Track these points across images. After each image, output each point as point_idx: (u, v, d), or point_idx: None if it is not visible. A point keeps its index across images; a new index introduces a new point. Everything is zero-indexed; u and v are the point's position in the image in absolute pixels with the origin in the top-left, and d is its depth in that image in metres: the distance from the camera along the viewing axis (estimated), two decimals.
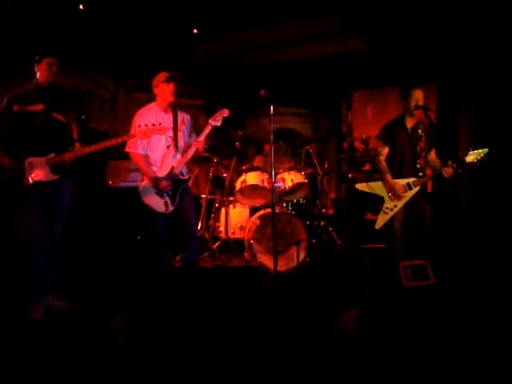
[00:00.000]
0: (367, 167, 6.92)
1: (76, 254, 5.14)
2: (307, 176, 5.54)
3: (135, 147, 4.00)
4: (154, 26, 6.18)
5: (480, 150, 4.10)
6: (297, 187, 5.45)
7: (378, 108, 7.50)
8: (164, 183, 3.94)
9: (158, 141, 3.99)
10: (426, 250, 4.13)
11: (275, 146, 4.57)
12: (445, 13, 5.89)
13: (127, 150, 4.02)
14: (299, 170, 5.45)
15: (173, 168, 4.01)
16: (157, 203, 3.98)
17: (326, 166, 6.57)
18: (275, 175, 4.15)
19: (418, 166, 4.25)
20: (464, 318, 3.45)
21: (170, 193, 3.98)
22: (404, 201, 4.21)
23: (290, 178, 5.33)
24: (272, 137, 4.09)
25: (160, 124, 3.81)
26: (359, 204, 6.17)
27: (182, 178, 4.05)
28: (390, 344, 3.05)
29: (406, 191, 4.21)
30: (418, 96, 4.23)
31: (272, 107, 4.05)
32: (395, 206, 4.24)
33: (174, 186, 3.99)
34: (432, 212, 4.25)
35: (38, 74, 3.68)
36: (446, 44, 6.30)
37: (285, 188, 5.32)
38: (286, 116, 8.07)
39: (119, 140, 3.86)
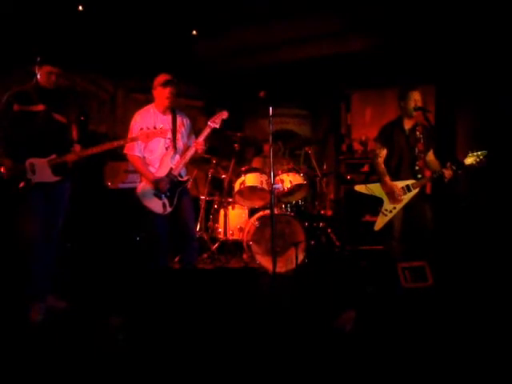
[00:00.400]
0: (366, 169, 6.93)
1: (75, 254, 5.15)
2: (304, 174, 5.54)
3: (132, 149, 4.01)
4: (154, 26, 6.18)
5: (479, 152, 4.10)
6: (296, 188, 5.45)
7: (377, 109, 7.50)
8: (161, 184, 3.95)
9: (157, 142, 4.00)
10: (426, 251, 4.13)
11: (274, 147, 4.57)
12: (444, 13, 5.90)
13: (125, 151, 4.04)
14: (298, 172, 5.45)
15: (171, 169, 4.01)
16: (155, 204, 3.98)
17: (325, 167, 6.57)
18: (274, 176, 4.15)
19: (417, 167, 4.24)
20: (462, 319, 3.45)
21: (168, 194, 3.98)
22: (403, 203, 4.21)
23: (288, 180, 5.33)
24: (271, 138, 4.09)
25: (154, 128, 3.82)
26: (358, 205, 6.17)
27: (180, 179, 4.06)
28: (388, 345, 3.06)
29: (404, 193, 4.21)
30: (416, 97, 4.23)
31: (271, 108, 4.05)
32: (394, 207, 4.23)
33: (173, 187, 4.00)
34: (432, 213, 4.25)
35: (38, 75, 3.66)
36: (445, 45, 6.31)
37: (284, 189, 5.31)
38: (285, 117, 8.07)
39: (121, 143, 3.89)
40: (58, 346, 3.10)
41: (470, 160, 4.10)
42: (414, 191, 4.21)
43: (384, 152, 4.33)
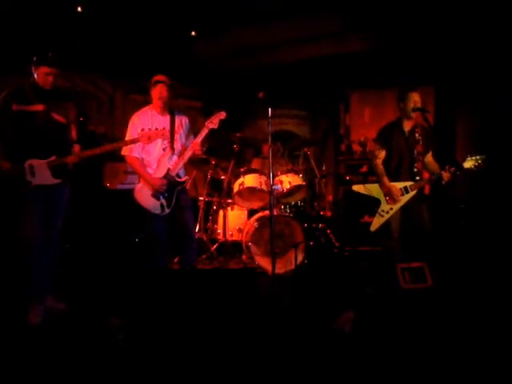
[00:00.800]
0: (365, 169, 6.93)
1: (74, 255, 5.15)
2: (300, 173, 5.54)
3: (130, 150, 4.01)
4: (153, 27, 6.18)
5: (478, 157, 4.10)
6: (295, 189, 5.45)
7: (376, 110, 7.51)
8: (159, 183, 3.94)
9: (154, 143, 3.99)
10: (424, 252, 4.13)
11: (273, 148, 4.57)
12: (443, 14, 5.90)
13: (123, 153, 4.04)
14: (297, 173, 5.44)
15: (169, 170, 4.01)
16: (153, 205, 3.98)
17: (324, 168, 6.58)
18: (273, 177, 4.14)
19: (415, 169, 4.24)
20: (462, 320, 3.45)
21: (166, 195, 3.98)
22: (400, 204, 4.21)
23: (287, 181, 5.32)
24: (270, 139, 4.09)
25: (156, 129, 3.82)
26: (357, 206, 6.17)
27: (178, 180, 4.05)
28: (388, 346, 3.06)
29: (402, 194, 4.21)
30: (415, 98, 4.21)
31: (270, 109, 4.05)
32: (391, 208, 4.24)
33: (170, 187, 4.00)
34: (430, 215, 4.25)
35: (35, 75, 3.58)
36: (444, 45, 6.32)
37: (283, 190, 5.31)
38: (284, 118, 8.07)
39: (121, 144, 3.87)
40: (58, 347, 3.10)
41: (468, 164, 4.10)
42: (412, 193, 4.21)
43: (383, 153, 4.32)
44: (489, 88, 6.18)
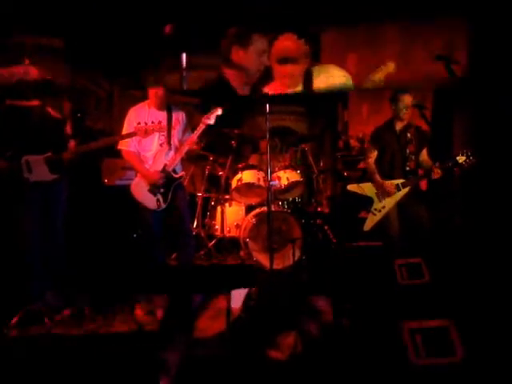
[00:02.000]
0: (362, 165, 6.92)
1: (72, 252, 5.14)
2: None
3: (128, 145, 4.01)
4: (152, 22, 6.17)
5: (469, 153, 4.15)
6: (292, 185, 5.45)
7: (374, 107, 7.51)
8: (155, 177, 3.94)
9: (151, 139, 3.99)
10: (423, 250, 4.15)
11: (271, 144, 4.57)
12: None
13: (120, 147, 4.04)
14: (295, 169, 5.45)
15: (165, 165, 4.01)
16: (149, 200, 3.98)
17: (322, 164, 6.57)
18: (271, 173, 4.15)
19: (408, 168, 4.31)
20: (459, 316, 3.46)
21: (162, 190, 3.98)
22: (392, 202, 4.26)
23: (285, 177, 5.32)
24: (268, 135, 4.09)
25: (152, 122, 3.82)
26: (355, 202, 6.17)
27: (174, 175, 4.05)
28: (385, 342, 3.07)
29: (395, 189, 4.25)
30: (406, 100, 4.27)
31: (268, 105, 4.05)
32: (383, 207, 4.29)
33: (167, 183, 4.00)
34: (427, 213, 4.27)
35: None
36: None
37: (280, 186, 5.31)
38: (282, 114, 8.04)
39: (117, 138, 3.86)
40: (56, 343, 3.11)
41: (460, 160, 4.16)
42: (404, 190, 4.26)
43: (374, 153, 4.43)
44: (488, 87, 6.18)
